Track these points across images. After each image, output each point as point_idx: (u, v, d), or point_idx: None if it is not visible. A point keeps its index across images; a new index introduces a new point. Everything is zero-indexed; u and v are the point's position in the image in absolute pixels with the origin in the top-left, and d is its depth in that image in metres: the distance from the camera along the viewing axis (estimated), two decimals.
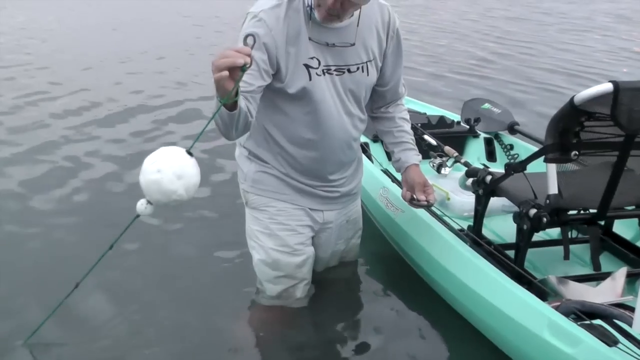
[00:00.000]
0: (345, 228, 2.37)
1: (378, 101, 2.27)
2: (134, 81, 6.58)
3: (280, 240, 2.16)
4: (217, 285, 2.55)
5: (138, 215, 1.75)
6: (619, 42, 10.08)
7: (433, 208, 2.47)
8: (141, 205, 1.71)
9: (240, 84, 1.65)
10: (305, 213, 2.19)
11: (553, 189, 2.07)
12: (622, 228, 2.56)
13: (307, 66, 1.95)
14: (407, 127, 2.33)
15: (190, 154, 1.63)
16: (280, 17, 1.89)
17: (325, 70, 1.99)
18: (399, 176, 2.41)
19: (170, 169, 1.63)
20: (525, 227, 2.14)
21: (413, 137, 2.33)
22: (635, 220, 2.54)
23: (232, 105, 1.67)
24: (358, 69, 2.05)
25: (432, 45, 9.42)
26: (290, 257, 2.18)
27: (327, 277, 2.48)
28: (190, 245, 2.93)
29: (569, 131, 2.02)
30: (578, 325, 1.78)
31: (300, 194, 2.16)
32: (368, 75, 2.08)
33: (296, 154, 2.10)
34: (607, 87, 1.85)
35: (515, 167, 2.21)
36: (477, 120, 3.45)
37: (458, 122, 3.56)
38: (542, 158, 2.09)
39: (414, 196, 2.20)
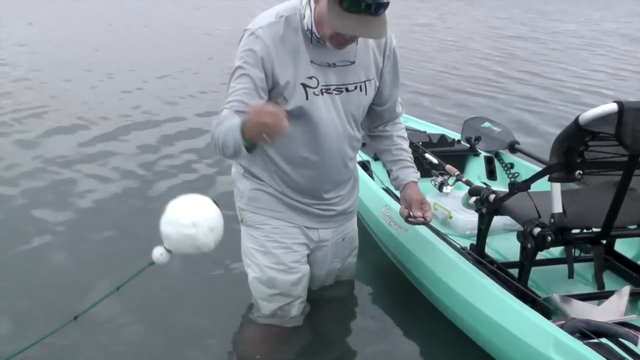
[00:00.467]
0: (341, 246, 2.37)
1: (376, 120, 2.29)
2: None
3: (276, 258, 2.16)
4: (212, 303, 2.54)
5: (153, 263, 1.74)
6: (622, 62, 10.20)
7: (436, 226, 2.48)
8: (160, 255, 1.72)
9: (238, 103, 1.81)
10: (300, 231, 2.19)
11: (557, 208, 2.08)
12: (624, 247, 2.57)
13: (305, 85, 1.97)
14: (405, 145, 2.34)
15: (216, 203, 1.67)
16: (277, 34, 1.92)
17: (324, 90, 2.01)
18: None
19: (205, 223, 1.67)
20: (529, 245, 2.14)
21: (411, 155, 2.35)
22: (637, 239, 2.55)
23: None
24: (356, 88, 2.07)
25: (434, 63, 9.48)
26: (286, 275, 2.18)
27: (324, 295, 2.46)
28: (185, 262, 2.90)
29: (573, 151, 2.03)
30: (584, 343, 1.78)
31: (295, 212, 2.16)
32: (366, 94, 2.10)
33: (292, 172, 2.10)
34: (612, 107, 1.87)
35: (520, 186, 2.21)
36: (477, 139, 3.46)
37: (459, 141, 3.57)
38: (546, 177, 2.10)
39: (411, 213, 2.21)
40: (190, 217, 1.66)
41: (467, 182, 2.74)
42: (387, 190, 2.85)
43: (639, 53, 11.37)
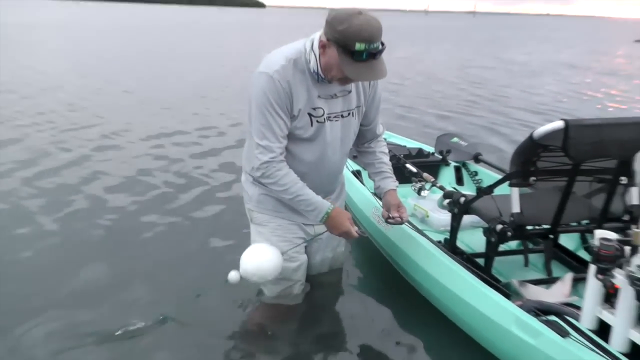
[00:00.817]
0: (331, 238, 2.36)
1: (361, 138, 2.31)
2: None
3: (279, 249, 2.18)
4: (228, 290, 2.46)
5: (227, 281, 2.09)
6: (569, 85, 10.30)
7: (416, 224, 2.50)
8: (235, 278, 2.09)
9: (278, 135, 1.98)
10: (299, 227, 2.22)
11: (516, 209, 2.12)
12: (567, 240, 2.60)
13: (310, 115, 2.01)
14: (386, 159, 2.34)
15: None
16: (288, 75, 1.94)
17: (326, 118, 2.05)
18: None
19: (275, 271, 2.11)
20: (493, 239, 2.18)
21: (391, 167, 2.35)
22: (577, 234, 2.58)
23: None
24: (349, 114, 2.11)
25: (414, 88, 9.48)
26: (288, 263, 2.20)
27: (321, 280, 2.47)
28: (205, 257, 2.92)
29: (528, 161, 2.08)
30: (538, 320, 1.83)
31: (294, 212, 2.16)
32: (356, 119, 2.15)
33: None
34: (560, 124, 1.92)
35: (485, 191, 2.26)
36: (448, 151, 3.48)
37: (433, 153, 3.58)
38: (506, 183, 2.14)
39: (390, 215, 2.23)
40: (268, 270, 2.09)
41: (441, 187, 2.77)
42: (375, 194, 2.90)
43: (585, 77, 11.52)
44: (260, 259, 2.07)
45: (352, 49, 1.82)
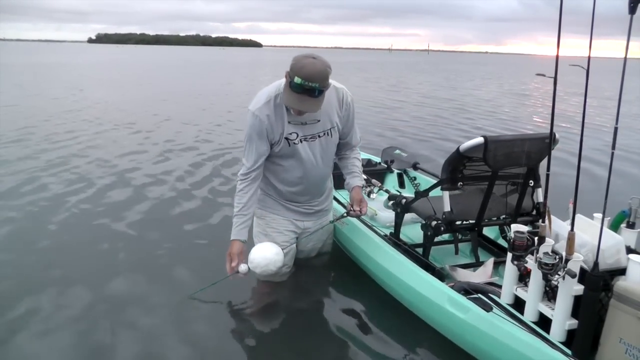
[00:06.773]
0: (320, 232, 2.44)
1: (340, 149, 2.35)
2: None
3: (272, 238, 2.29)
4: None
5: (237, 272, 2.11)
6: (495, 109, 10.44)
7: (367, 221, 2.48)
8: (244, 270, 2.11)
9: (256, 159, 2.09)
10: (290, 222, 2.33)
11: (447, 208, 2.13)
12: (489, 231, 2.64)
13: (287, 139, 2.10)
14: (358, 163, 2.39)
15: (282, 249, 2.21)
16: (270, 110, 2.05)
17: (302, 139, 2.12)
18: (341, 198, 2.56)
19: (277, 264, 2.16)
20: (429, 233, 2.19)
21: (361, 169, 2.39)
22: (497, 227, 2.59)
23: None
24: (324, 134, 2.17)
25: (365, 109, 9.47)
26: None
27: (306, 264, 2.53)
28: (216, 241, 2.89)
29: (456, 169, 2.09)
30: (467, 298, 1.84)
31: (287, 210, 2.32)
32: (332, 137, 2.20)
33: (284, 190, 2.26)
34: (480, 140, 1.94)
35: (422, 193, 2.27)
36: (392, 161, 3.49)
37: (379, 163, 3.58)
38: (439, 187, 2.15)
39: (352, 207, 2.25)
40: (272, 265, 2.14)
41: (387, 191, 2.77)
42: (335, 199, 2.85)
43: (512, 103, 11.78)
44: (267, 255, 2.12)
45: (292, 80, 1.92)
